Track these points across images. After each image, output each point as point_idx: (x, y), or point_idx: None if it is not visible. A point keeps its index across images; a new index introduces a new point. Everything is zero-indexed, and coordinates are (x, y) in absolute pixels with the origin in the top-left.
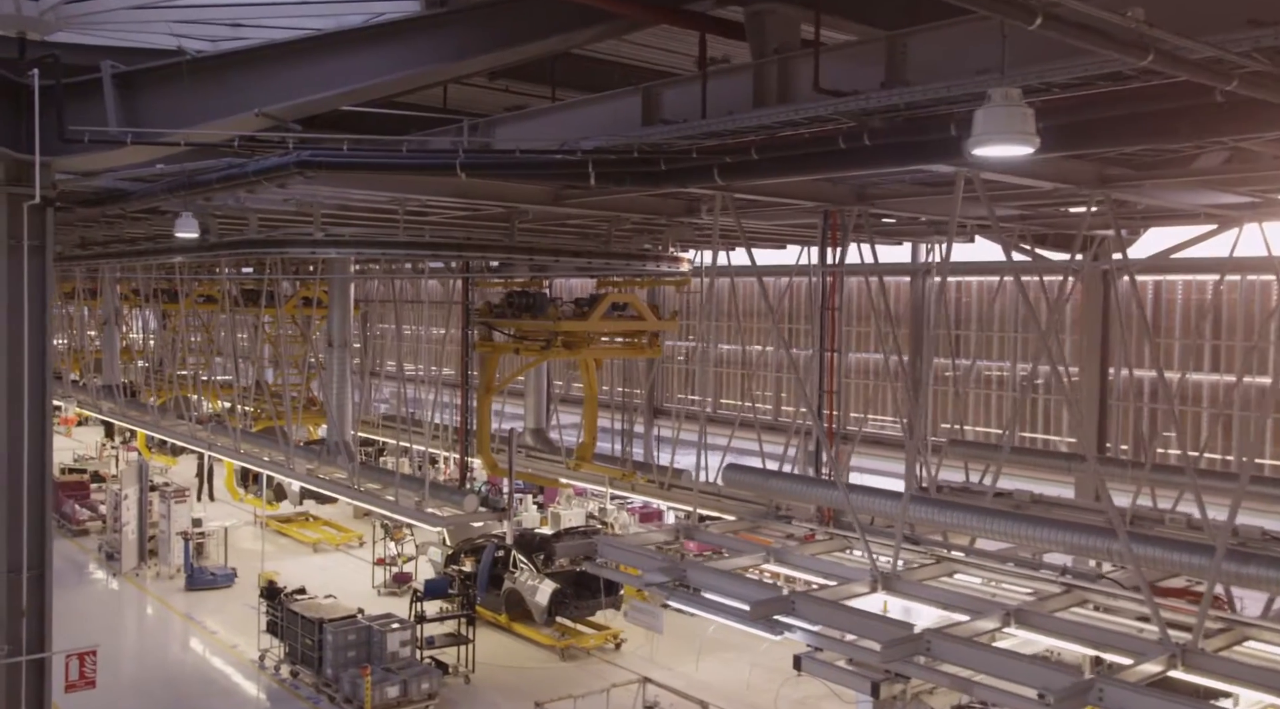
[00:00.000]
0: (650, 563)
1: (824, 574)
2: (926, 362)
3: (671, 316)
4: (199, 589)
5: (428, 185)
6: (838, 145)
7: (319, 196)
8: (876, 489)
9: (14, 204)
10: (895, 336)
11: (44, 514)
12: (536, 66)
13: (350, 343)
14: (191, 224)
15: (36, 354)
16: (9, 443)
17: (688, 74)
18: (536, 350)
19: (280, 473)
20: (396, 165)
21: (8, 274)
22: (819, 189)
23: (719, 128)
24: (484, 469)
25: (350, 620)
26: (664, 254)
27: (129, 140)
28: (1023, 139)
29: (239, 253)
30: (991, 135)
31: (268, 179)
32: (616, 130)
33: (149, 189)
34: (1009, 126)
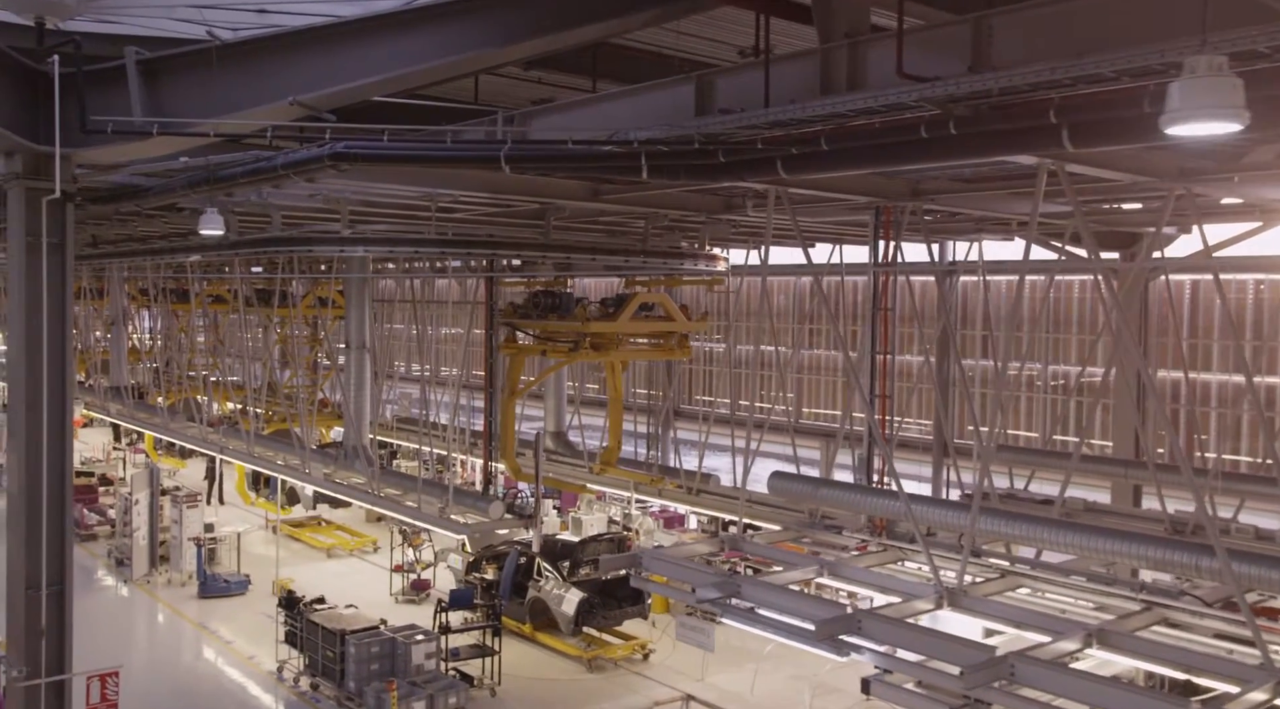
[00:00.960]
0: (702, 578)
1: (884, 589)
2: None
3: (702, 317)
4: (212, 597)
5: (462, 180)
6: (917, 135)
7: (346, 192)
8: (940, 499)
9: (32, 199)
10: (956, 339)
11: (64, 526)
12: (572, 57)
13: (367, 344)
14: (217, 220)
15: (56, 358)
16: (27, 451)
17: (742, 62)
18: (564, 352)
19: (296, 477)
20: (439, 157)
21: (26, 273)
22: (874, 184)
23: (787, 117)
24: (509, 474)
25: (373, 632)
26: (701, 252)
27: (155, 131)
28: (1231, 114)
29: (264, 251)
30: (1193, 110)
31: (298, 173)
32: (664, 122)
33: (168, 185)
34: (1215, 99)
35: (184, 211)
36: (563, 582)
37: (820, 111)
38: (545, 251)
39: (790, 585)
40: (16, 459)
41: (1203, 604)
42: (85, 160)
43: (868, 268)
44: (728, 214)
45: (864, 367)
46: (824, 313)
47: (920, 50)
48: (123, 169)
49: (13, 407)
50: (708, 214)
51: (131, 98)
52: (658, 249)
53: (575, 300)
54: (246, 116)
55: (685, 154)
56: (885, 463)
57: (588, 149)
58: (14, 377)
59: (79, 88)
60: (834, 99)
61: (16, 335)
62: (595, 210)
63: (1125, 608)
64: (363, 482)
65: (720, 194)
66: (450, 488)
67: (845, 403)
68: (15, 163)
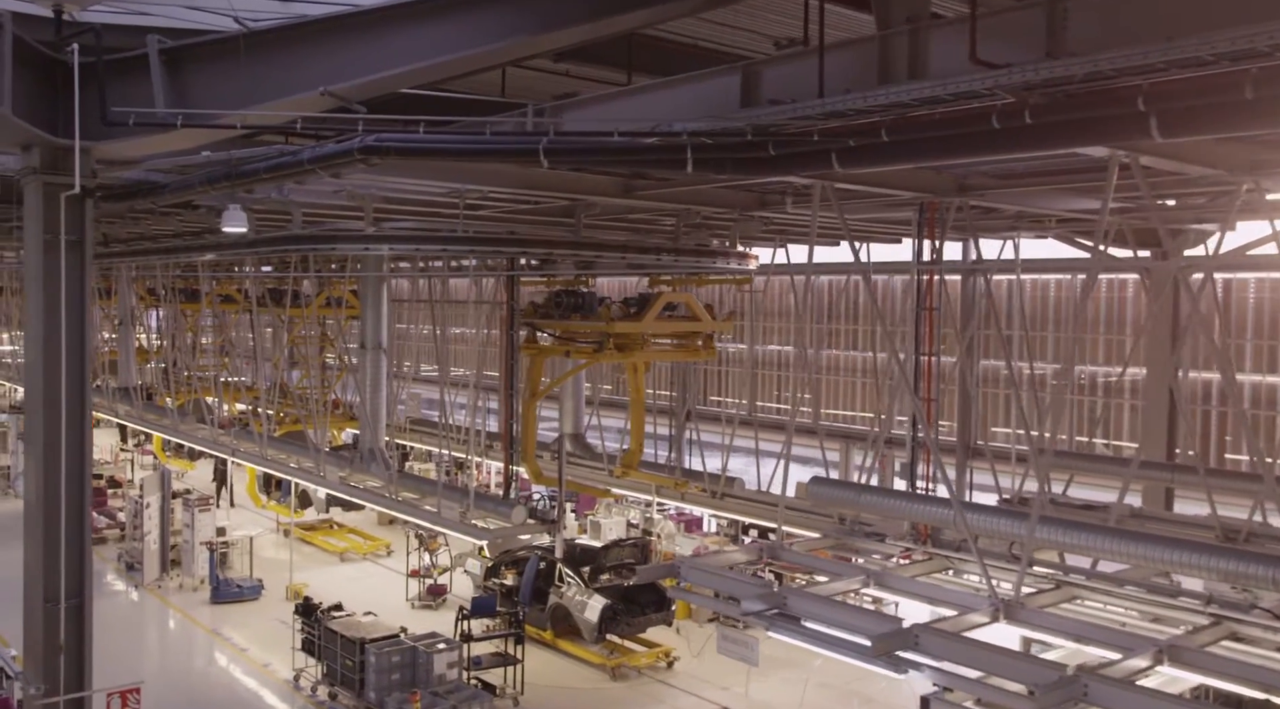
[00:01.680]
0: (746, 589)
1: (934, 600)
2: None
3: (727, 317)
4: (225, 602)
5: (492, 175)
6: (988, 125)
7: (370, 188)
8: (994, 507)
9: (50, 194)
10: (1019, 340)
11: (83, 537)
12: (603, 49)
13: (384, 345)
14: (240, 217)
15: (75, 362)
16: (44, 457)
17: (790, 52)
18: (587, 353)
19: (311, 481)
20: (476, 151)
21: (43, 273)
22: (921, 179)
23: (846, 107)
24: (530, 478)
25: (394, 641)
26: (733, 250)
27: (179, 123)
28: None
29: (287, 249)
30: None
31: (325, 167)
32: (707, 114)
33: (185, 181)
34: None
35: (200, 209)
36: (585, 588)
37: (883, 101)
38: (577, 250)
39: (837, 597)
40: (34, 465)
41: (1274, 617)
42: (105, 154)
43: (910, 266)
44: (761, 211)
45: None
46: (871, 313)
47: (985, 37)
48: (138, 165)
49: (30, 410)
50: (741, 211)
51: (154, 88)
52: (689, 247)
53: (598, 300)
54: (275, 107)
55: (732, 147)
56: (930, 468)
57: (630, 142)
58: (31, 379)
59: (99, 78)
60: (900, 87)
61: (34, 337)
62: (624, 207)
63: (1190, 621)
64: (379, 485)
65: (754, 190)
66: (471, 492)
67: (883, 405)
68: (33, 157)
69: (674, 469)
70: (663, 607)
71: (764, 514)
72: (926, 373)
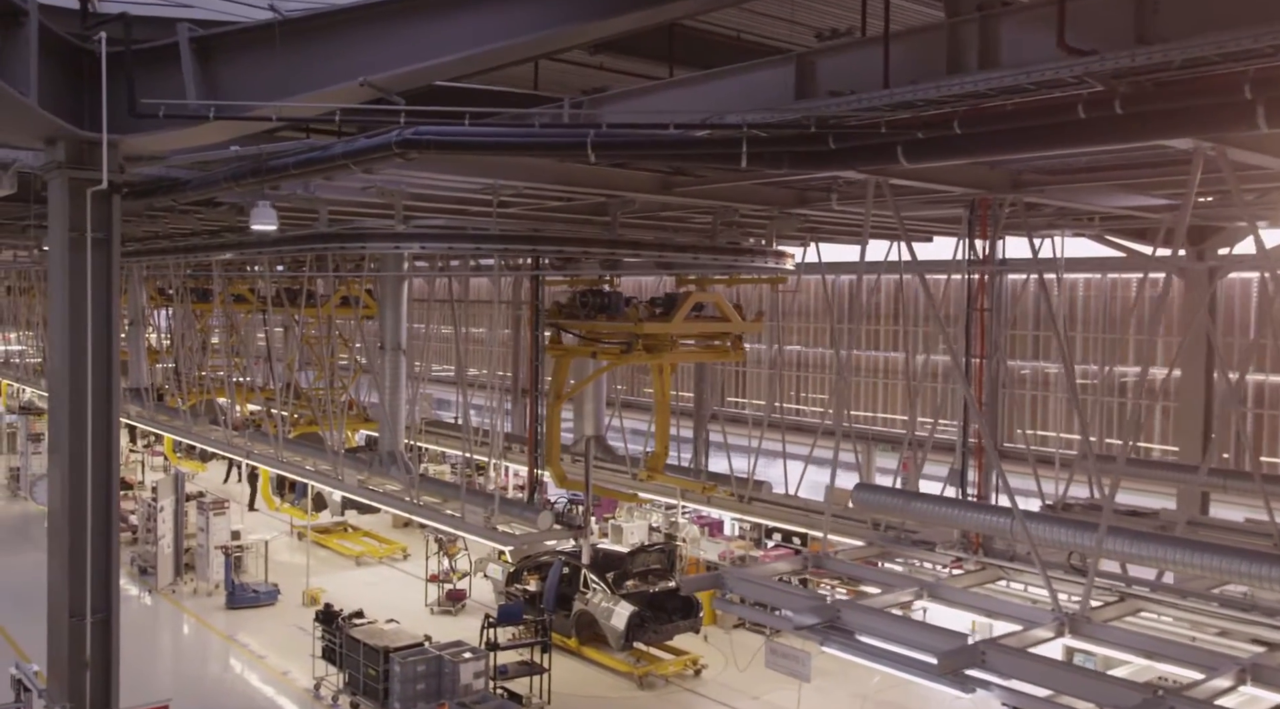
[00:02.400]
0: (797, 602)
1: (992, 614)
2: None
3: (757, 318)
4: (240, 607)
5: (529, 170)
6: (1070, 116)
7: (401, 183)
8: (1056, 516)
9: (76, 190)
10: (1066, 342)
11: (109, 548)
12: (639, 40)
13: (403, 345)
14: (270, 215)
15: (101, 366)
16: (70, 465)
17: (847, 41)
18: (615, 354)
19: (330, 484)
20: (521, 144)
21: (69, 273)
22: (975, 174)
23: (917, 97)
24: (554, 481)
25: (418, 649)
26: (770, 249)
27: (211, 115)
28: None
29: (312, 248)
30: None
31: (359, 162)
32: (757, 107)
33: (208, 178)
34: None
35: (221, 207)
36: (611, 594)
37: (957, 90)
38: (613, 248)
39: (891, 609)
40: (59, 474)
41: None
42: (133, 149)
43: (961, 264)
44: (800, 209)
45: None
46: (927, 314)
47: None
48: (161, 161)
49: (54, 417)
50: (779, 208)
51: (185, 79)
52: (728, 246)
53: (625, 300)
54: (312, 99)
55: (789, 140)
56: (981, 474)
57: (682, 135)
58: (56, 384)
59: (127, 68)
60: (979, 76)
61: (59, 340)
62: (658, 205)
63: (1264, 636)
64: (399, 489)
65: (795, 187)
66: (496, 497)
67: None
68: (58, 151)
69: (699, 472)
70: (690, 613)
71: (791, 518)
72: (979, 375)
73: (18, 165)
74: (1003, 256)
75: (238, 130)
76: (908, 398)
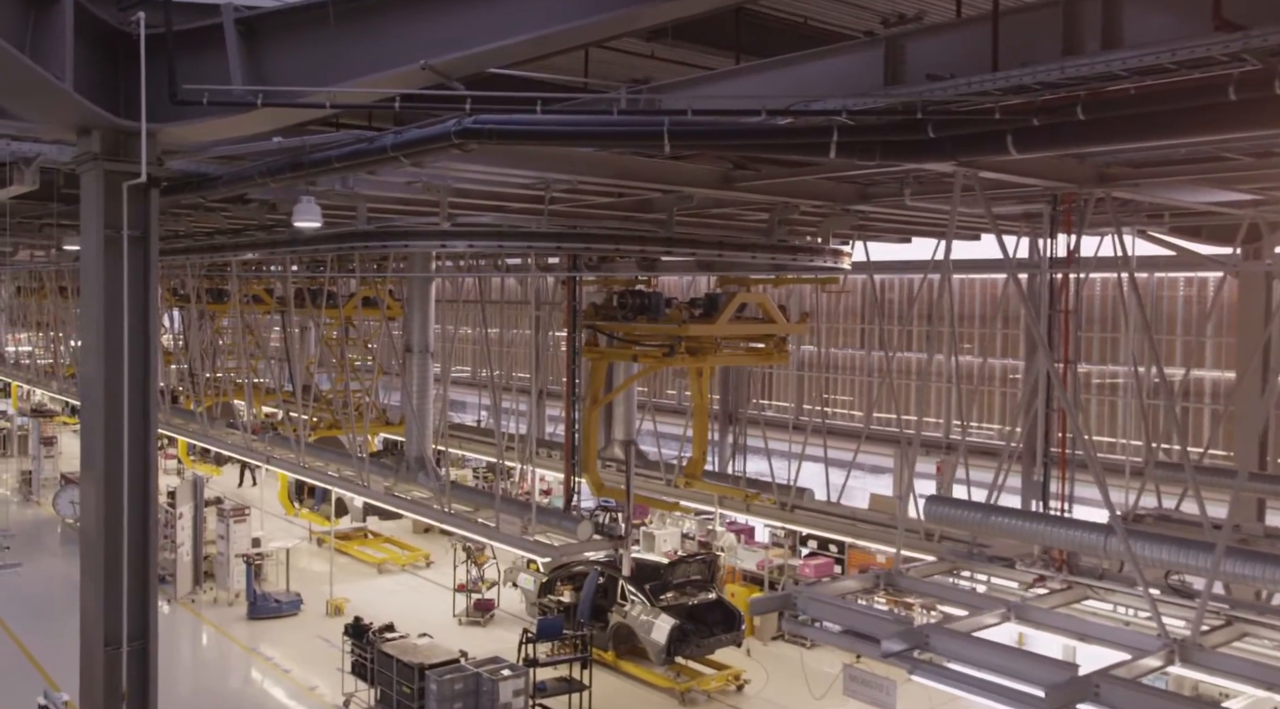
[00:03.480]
0: (881, 626)
1: (1087, 638)
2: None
3: (802, 319)
4: (262, 618)
5: (586, 164)
6: (1219, 97)
7: (446, 177)
8: (1160, 534)
9: (112, 184)
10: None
11: (147, 571)
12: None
13: (431, 348)
14: (314, 211)
15: (138, 374)
16: (105, 481)
17: (941, 23)
18: (657, 357)
19: (354, 491)
20: (596, 133)
21: (104, 272)
22: (1063, 167)
23: (1040, 78)
24: (592, 489)
25: (455, 666)
26: (827, 247)
27: (259, 102)
28: None
29: (352, 247)
30: None
31: (412, 154)
32: (838, 93)
33: (241, 172)
34: None
35: (251, 204)
36: (651, 606)
37: (1086, 71)
38: (669, 247)
39: (980, 633)
40: (93, 492)
41: None
42: (173, 139)
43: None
44: (861, 205)
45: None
46: (1019, 316)
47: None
48: (198, 155)
49: (87, 429)
50: (840, 205)
51: (230, 63)
52: (787, 245)
53: (665, 301)
54: (369, 84)
55: (882, 128)
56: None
57: (762, 123)
58: (89, 394)
59: (169, 52)
60: (1112, 55)
61: (92, 346)
62: (711, 200)
63: None
64: (428, 496)
65: (858, 182)
66: (533, 505)
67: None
68: (92, 141)
69: (738, 479)
70: (732, 626)
71: (836, 527)
72: (1063, 381)
73: (40, 160)
74: (1123, 254)
75: (285, 119)
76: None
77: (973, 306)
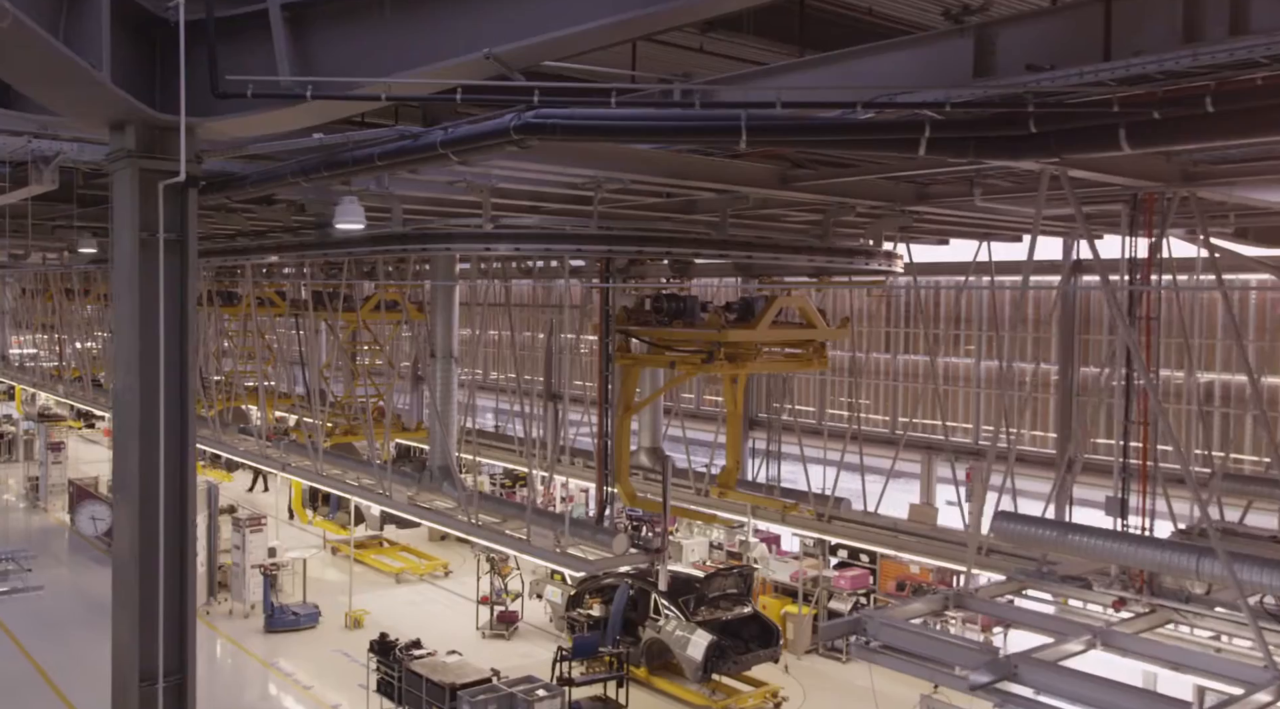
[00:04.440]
0: (966, 655)
1: (1183, 668)
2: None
3: (842, 323)
4: (280, 631)
5: (642, 162)
6: None
7: (489, 178)
8: (1259, 556)
9: (147, 184)
10: None
11: (185, 602)
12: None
13: (455, 354)
14: (356, 211)
15: (175, 388)
16: (141, 504)
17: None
18: (695, 363)
19: (377, 501)
20: (670, 128)
21: (139, 279)
22: (1148, 165)
23: (1163, 68)
24: (624, 500)
25: (488, 686)
26: (878, 250)
27: (309, 94)
28: None
29: (389, 250)
30: None
31: (463, 151)
32: (920, 86)
33: (271, 172)
34: None
35: (278, 205)
36: (686, 621)
37: (1224, 59)
38: (724, 250)
39: (1065, 661)
40: (127, 516)
41: None
42: (212, 134)
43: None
44: (919, 205)
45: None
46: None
47: None
48: (219, 154)
49: (121, 449)
50: (898, 205)
51: (276, 53)
52: (844, 247)
53: (700, 305)
54: (429, 74)
55: (976, 123)
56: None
57: (844, 118)
58: (123, 411)
59: (210, 40)
60: (1251, 40)
61: (127, 358)
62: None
63: None
64: (452, 506)
65: (918, 181)
66: (566, 517)
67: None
68: (126, 137)
69: (772, 488)
70: (769, 642)
71: (877, 539)
72: (1142, 391)
73: (60, 158)
74: (1210, 255)
75: (333, 113)
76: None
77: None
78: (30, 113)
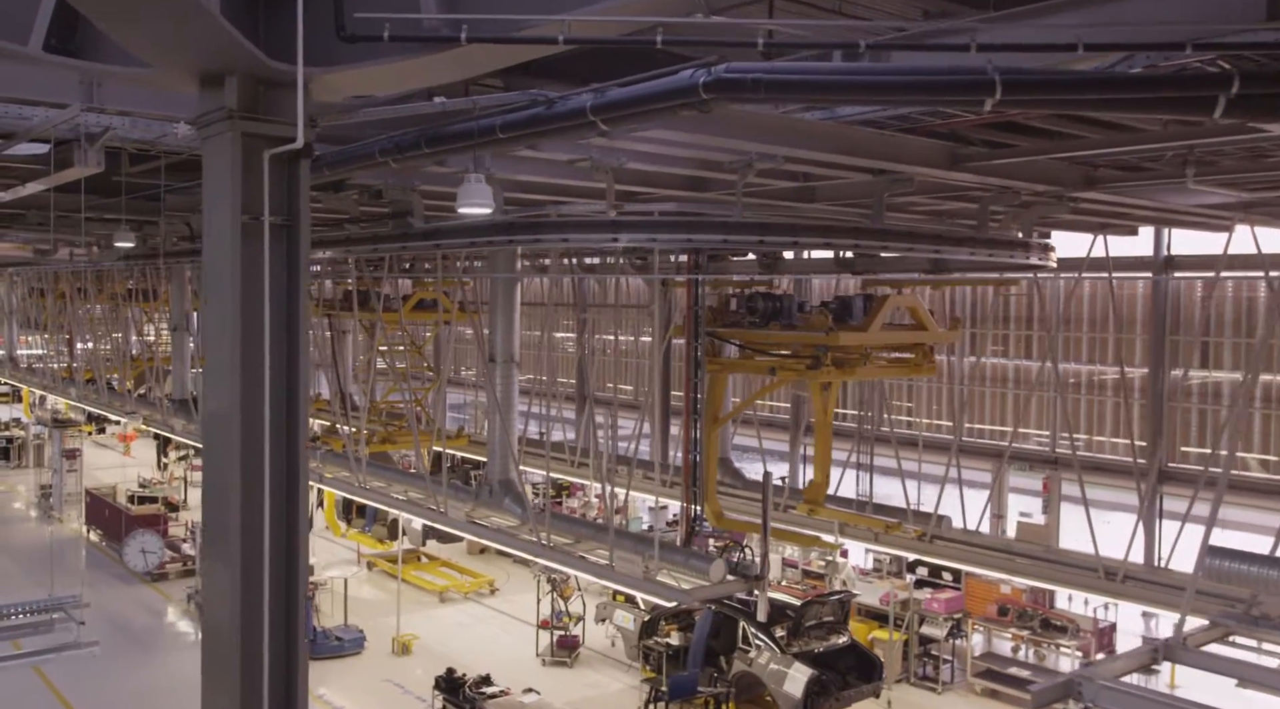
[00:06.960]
0: None
1: None
2: None
3: (954, 325)
4: (323, 657)
5: (807, 136)
6: None
7: (613, 158)
8: None
9: (251, 153)
10: None
11: (295, 681)
12: None
13: (516, 358)
14: (484, 192)
15: (279, 399)
16: (244, 564)
17: None
18: (799, 369)
19: (432, 518)
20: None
21: (242, 271)
22: None
23: None
24: (710, 521)
25: None
26: (1035, 242)
27: (464, 36)
28: None
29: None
30: None
31: (618, 119)
32: (1191, 37)
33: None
34: None
35: (350, 191)
36: (781, 654)
37: None
38: (884, 240)
39: None
40: (226, 577)
41: None
42: (332, 89)
43: None
44: (1087, 191)
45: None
46: None
47: None
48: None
49: (214, 490)
50: (1068, 191)
51: None
52: (1005, 239)
53: (798, 305)
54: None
55: None
56: None
57: (1113, 73)
58: (218, 440)
59: None
60: None
61: (221, 372)
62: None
63: None
64: (515, 524)
65: (1095, 163)
66: (655, 541)
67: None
68: (225, 93)
69: (864, 505)
70: (871, 675)
71: (973, 559)
72: None
73: (109, 135)
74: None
75: (489, 63)
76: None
77: (1080, 309)
78: (95, 61)
